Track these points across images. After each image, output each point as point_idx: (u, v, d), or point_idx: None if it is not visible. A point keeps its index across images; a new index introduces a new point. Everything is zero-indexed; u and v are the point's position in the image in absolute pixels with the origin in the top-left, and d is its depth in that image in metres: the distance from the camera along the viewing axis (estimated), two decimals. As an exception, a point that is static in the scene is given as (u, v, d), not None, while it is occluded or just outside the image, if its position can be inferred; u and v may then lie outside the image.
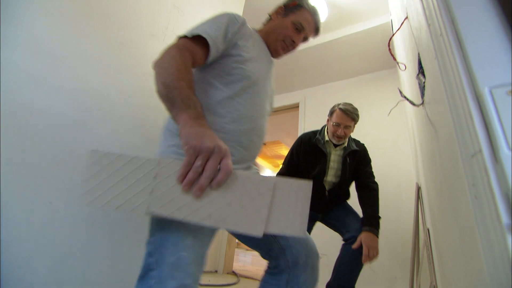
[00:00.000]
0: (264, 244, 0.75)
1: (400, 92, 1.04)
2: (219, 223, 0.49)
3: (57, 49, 0.83)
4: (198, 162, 0.47)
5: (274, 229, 0.50)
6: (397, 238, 1.88)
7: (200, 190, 0.47)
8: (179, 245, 0.55)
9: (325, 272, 1.42)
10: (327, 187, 1.52)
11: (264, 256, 0.79)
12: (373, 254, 1.18)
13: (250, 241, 0.76)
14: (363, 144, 1.61)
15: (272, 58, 0.88)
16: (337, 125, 1.46)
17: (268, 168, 6.63)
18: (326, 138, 1.55)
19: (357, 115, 1.47)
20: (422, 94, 0.79)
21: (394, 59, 1.20)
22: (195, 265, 0.56)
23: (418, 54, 0.74)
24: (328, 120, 1.56)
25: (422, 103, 0.77)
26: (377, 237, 1.26)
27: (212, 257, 2.50)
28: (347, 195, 1.62)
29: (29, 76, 0.76)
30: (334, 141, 1.52)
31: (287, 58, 1.12)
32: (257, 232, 0.49)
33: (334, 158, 1.54)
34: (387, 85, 2.32)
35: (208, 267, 2.42)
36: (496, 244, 0.26)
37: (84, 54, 0.90)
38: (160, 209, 0.48)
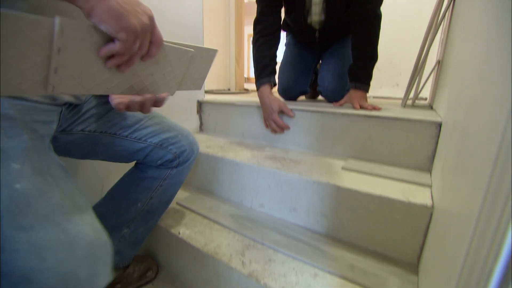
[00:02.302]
0: (128, 153, 0.71)
1: None
2: (140, 91, 0.49)
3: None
4: (137, 45, 0.39)
5: (182, 88, 0.57)
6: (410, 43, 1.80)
7: (129, 66, 0.41)
8: None
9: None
10: (317, 27, 1.21)
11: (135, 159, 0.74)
12: (366, 107, 1.01)
13: (113, 157, 0.71)
14: None
15: None
16: None
17: None
18: None
19: None
20: None
21: None
22: None
23: None
24: None
25: None
26: (367, 91, 1.07)
27: (224, 78, 2.62)
28: (344, 31, 1.25)
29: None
30: None
31: None
32: (171, 92, 0.55)
33: None
34: None
35: (221, 86, 2.60)
36: None
37: None
38: (71, 88, 0.38)
